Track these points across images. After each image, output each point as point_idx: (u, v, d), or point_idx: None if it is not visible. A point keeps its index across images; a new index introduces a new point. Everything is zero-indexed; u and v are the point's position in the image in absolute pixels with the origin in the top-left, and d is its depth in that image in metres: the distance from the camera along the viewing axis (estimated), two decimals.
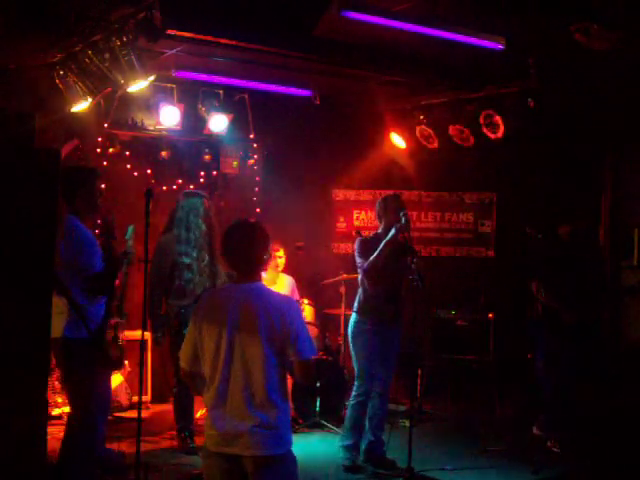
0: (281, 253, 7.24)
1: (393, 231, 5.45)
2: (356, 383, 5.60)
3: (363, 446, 5.64)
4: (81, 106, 6.16)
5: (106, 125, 7.17)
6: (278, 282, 7.33)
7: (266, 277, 6.68)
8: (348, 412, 5.65)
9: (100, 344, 4.70)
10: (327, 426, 6.52)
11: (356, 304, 5.67)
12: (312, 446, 6.16)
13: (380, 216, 5.72)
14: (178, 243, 5.81)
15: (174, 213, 5.96)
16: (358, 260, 5.62)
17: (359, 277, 5.72)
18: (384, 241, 5.48)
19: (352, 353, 5.64)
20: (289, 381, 3.49)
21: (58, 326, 4.64)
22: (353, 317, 5.66)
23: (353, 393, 5.63)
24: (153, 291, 5.69)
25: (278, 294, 3.51)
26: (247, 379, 3.28)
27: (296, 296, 7.39)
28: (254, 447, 3.25)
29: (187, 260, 5.78)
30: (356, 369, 5.63)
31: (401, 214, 5.46)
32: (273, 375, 3.30)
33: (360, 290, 5.68)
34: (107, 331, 4.78)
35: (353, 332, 5.61)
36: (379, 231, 5.70)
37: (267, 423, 3.27)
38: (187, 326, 5.45)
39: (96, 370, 4.76)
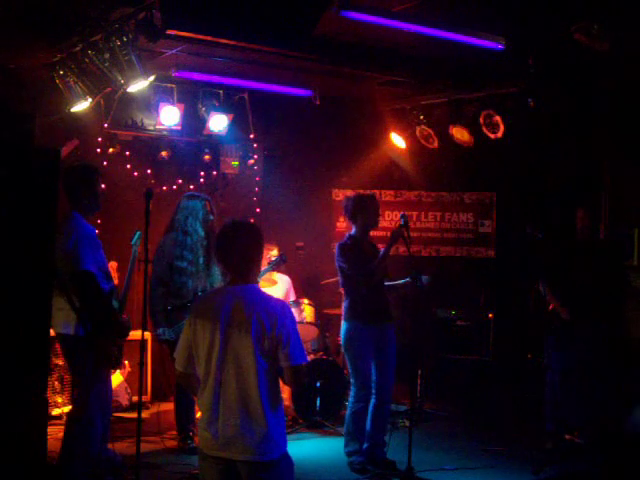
0: (275, 253, 7.20)
1: (392, 240, 5.40)
2: (353, 390, 5.53)
3: (364, 447, 5.62)
4: (81, 106, 6.17)
5: (106, 125, 7.17)
6: (277, 281, 7.32)
7: (265, 277, 6.68)
8: (348, 420, 5.56)
9: (98, 341, 4.70)
10: (327, 426, 6.52)
11: (345, 311, 5.60)
12: (313, 446, 6.17)
13: (355, 216, 5.57)
14: (175, 246, 5.80)
15: (174, 215, 5.95)
16: (343, 266, 5.50)
17: (341, 282, 5.64)
18: (384, 251, 5.40)
19: (347, 360, 5.59)
20: None
21: (57, 323, 4.65)
22: (344, 325, 5.59)
23: (351, 400, 5.55)
24: (154, 291, 5.70)
25: (272, 297, 3.44)
26: (240, 383, 3.26)
27: (292, 296, 7.38)
28: (247, 452, 3.23)
29: (182, 264, 5.76)
30: (352, 376, 5.56)
31: (402, 219, 5.42)
32: (265, 379, 3.27)
33: (346, 297, 5.59)
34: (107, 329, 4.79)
35: (345, 339, 5.56)
36: (353, 233, 5.61)
37: (260, 428, 3.24)
38: (172, 327, 5.57)
39: (95, 367, 4.76)
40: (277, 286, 7.30)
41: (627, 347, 6.43)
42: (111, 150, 7.25)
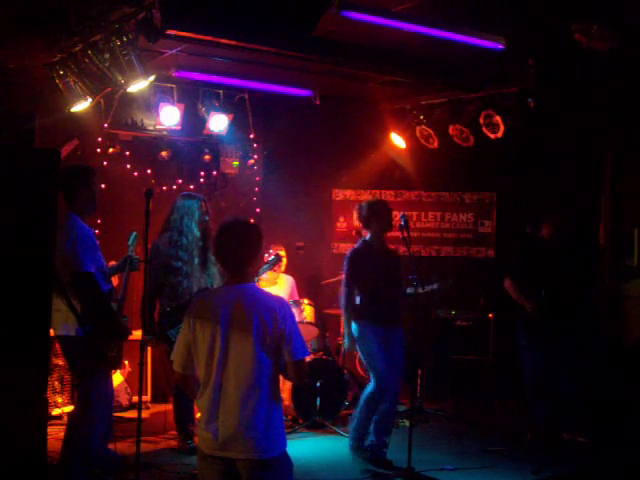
0: (283, 253, 7.22)
1: None
2: (372, 383, 5.56)
3: (367, 444, 5.63)
4: (81, 106, 6.17)
5: (106, 125, 7.17)
6: (278, 282, 7.33)
7: (266, 277, 6.68)
8: (360, 409, 5.60)
9: (97, 342, 4.70)
10: (327, 426, 6.52)
11: (356, 311, 5.62)
12: (312, 446, 6.16)
13: (369, 222, 5.65)
14: (170, 246, 5.76)
15: (169, 214, 5.93)
16: (344, 276, 5.58)
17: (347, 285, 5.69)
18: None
19: (362, 358, 5.63)
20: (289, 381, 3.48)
21: (56, 325, 4.65)
22: (353, 325, 5.61)
23: (367, 390, 5.57)
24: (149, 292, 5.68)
25: (270, 295, 3.45)
26: (240, 381, 3.26)
27: (296, 296, 7.39)
28: (248, 451, 3.24)
29: (178, 263, 5.72)
30: (370, 370, 5.60)
31: (402, 219, 5.44)
32: (266, 377, 3.28)
33: (358, 295, 5.62)
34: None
35: (358, 338, 5.58)
36: (367, 238, 5.66)
37: (260, 426, 3.24)
38: (173, 328, 5.56)
39: (95, 368, 4.76)
40: (280, 286, 7.30)
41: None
42: (111, 150, 7.25)
